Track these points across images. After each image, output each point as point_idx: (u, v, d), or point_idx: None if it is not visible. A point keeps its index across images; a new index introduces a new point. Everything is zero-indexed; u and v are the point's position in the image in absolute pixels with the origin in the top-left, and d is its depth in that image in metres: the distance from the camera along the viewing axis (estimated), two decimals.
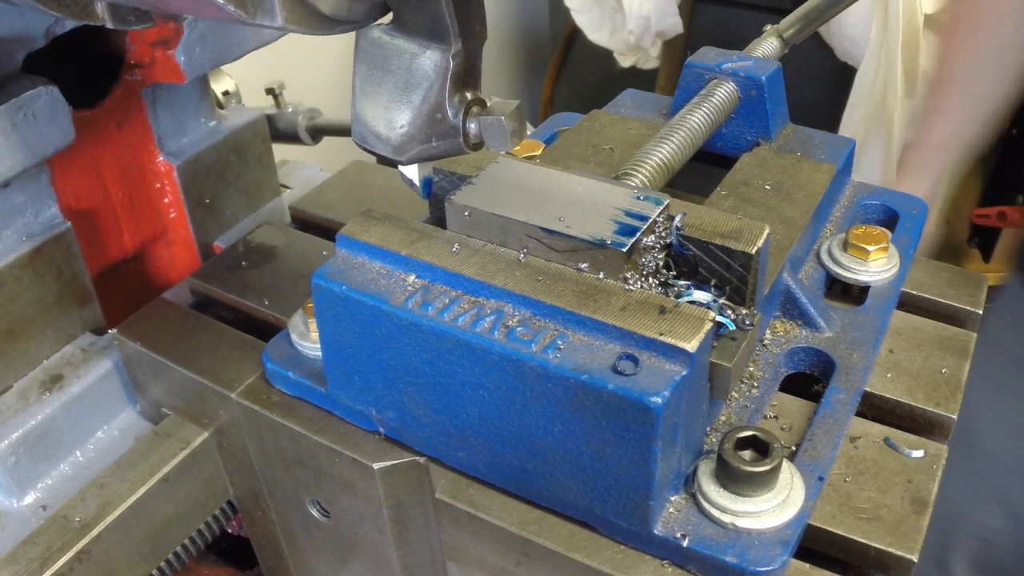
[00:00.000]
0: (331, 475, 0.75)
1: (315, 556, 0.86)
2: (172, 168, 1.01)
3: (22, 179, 0.84)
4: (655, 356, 0.58)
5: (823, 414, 0.70)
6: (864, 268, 0.82)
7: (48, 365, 0.90)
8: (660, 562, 0.62)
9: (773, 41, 1.01)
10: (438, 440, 0.69)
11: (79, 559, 0.77)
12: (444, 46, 0.56)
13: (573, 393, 0.59)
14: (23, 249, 0.86)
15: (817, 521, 0.66)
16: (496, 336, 0.61)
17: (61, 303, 0.90)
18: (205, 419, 0.84)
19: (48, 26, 0.83)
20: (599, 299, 0.61)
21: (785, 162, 0.88)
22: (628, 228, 0.65)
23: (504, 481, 0.68)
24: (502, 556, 0.68)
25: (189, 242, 1.06)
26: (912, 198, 0.91)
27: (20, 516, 0.84)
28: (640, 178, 0.75)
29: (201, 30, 0.92)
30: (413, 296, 0.64)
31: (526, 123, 0.62)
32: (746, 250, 0.65)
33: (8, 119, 0.79)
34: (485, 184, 0.70)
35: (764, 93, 0.89)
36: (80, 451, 0.89)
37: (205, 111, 1.06)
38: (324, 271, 0.67)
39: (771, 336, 0.77)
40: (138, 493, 0.81)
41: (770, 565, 0.59)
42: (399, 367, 0.66)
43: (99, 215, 0.97)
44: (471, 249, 0.66)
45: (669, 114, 0.96)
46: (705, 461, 0.63)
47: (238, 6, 0.50)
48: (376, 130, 0.61)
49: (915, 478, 0.69)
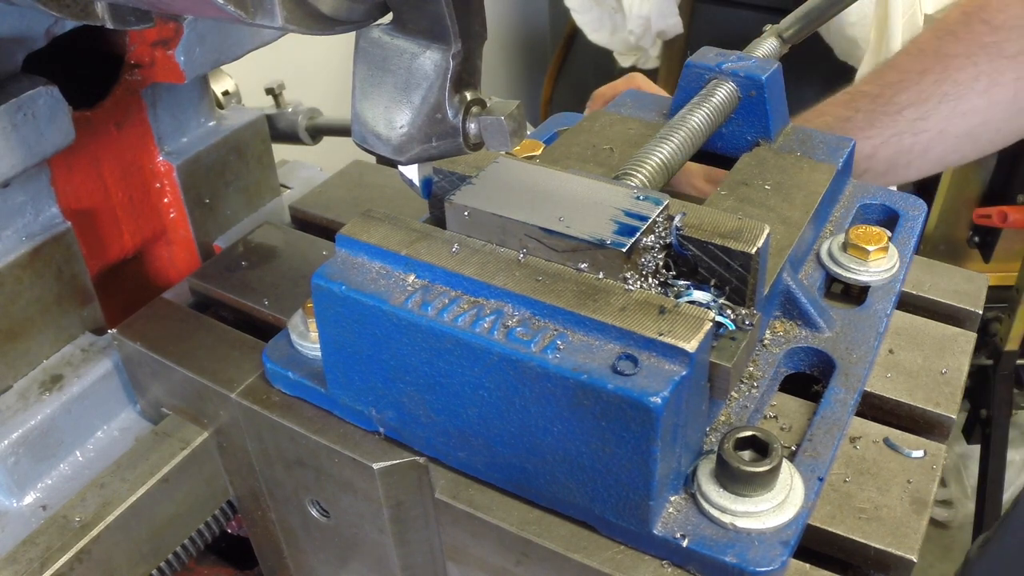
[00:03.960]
0: (331, 475, 0.75)
1: (315, 556, 0.86)
2: (172, 168, 1.01)
3: (22, 179, 0.84)
4: (655, 356, 0.58)
5: (823, 414, 0.71)
6: (864, 268, 0.82)
7: (48, 365, 0.90)
8: (660, 562, 0.62)
9: (773, 41, 1.01)
10: (438, 440, 0.69)
11: (79, 559, 0.77)
12: (444, 46, 0.56)
13: (573, 393, 0.59)
14: (23, 249, 0.86)
15: (817, 521, 0.66)
16: (496, 336, 0.61)
17: (61, 303, 0.90)
18: (205, 419, 0.84)
19: (48, 26, 0.83)
20: (599, 299, 0.61)
21: (785, 162, 0.88)
22: (628, 228, 0.65)
23: (504, 481, 0.68)
24: (502, 556, 0.69)
25: (189, 242, 1.06)
26: (912, 198, 0.91)
27: (20, 516, 0.84)
28: (640, 178, 0.75)
29: (201, 30, 0.92)
30: (413, 296, 0.64)
31: (526, 123, 0.62)
32: (746, 250, 0.65)
33: (8, 119, 0.79)
34: (485, 184, 0.70)
35: (764, 93, 0.89)
36: (80, 451, 0.89)
37: (205, 111, 1.06)
38: (324, 271, 0.67)
39: (771, 336, 0.77)
40: (138, 493, 0.81)
41: (770, 565, 0.59)
42: (399, 367, 0.67)
43: (99, 215, 0.97)
44: (471, 249, 0.66)
45: (669, 114, 0.96)
46: (705, 461, 0.63)
47: (238, 6, 0.50)
48: (376, 130, 0.61)
49: (915, 478, 0.69)
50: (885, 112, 1.17)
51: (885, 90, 1.18)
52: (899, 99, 1.17)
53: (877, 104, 1.18)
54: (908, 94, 1.17)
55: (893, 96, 1.17)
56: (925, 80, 1.17)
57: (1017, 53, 1.14)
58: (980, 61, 1.15)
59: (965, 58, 1.16)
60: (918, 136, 1.17)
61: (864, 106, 1.18)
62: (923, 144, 1.18)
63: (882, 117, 1.17)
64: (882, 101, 1.18)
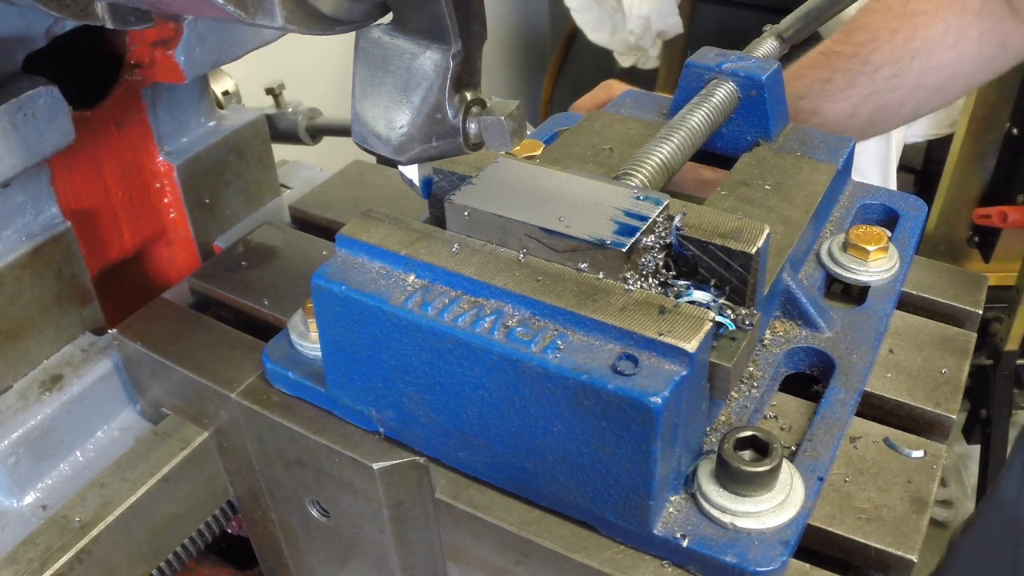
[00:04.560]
0: (331, 475, 0.75)
1: (315, 556, 0.86)
2: (172, 168, 1.01)
3: (22, 179, 0.84)
4: (655, 356, 0.58)
5: (823, 414, 0.71)
6: (864, 268, 0.82)
7: (48, 365, 0.90)
8: (660, 562, 0.63)
9: (773, 41, 1.01)
10: (438, 440, 0.69)
11: (79, 559, 0.77)
12: (444, 46, 0.56)
13: (573, 393, 0.59)
14: (23, 249, 0.86)
15: (817, 521, 0.66)
16: (496, 336, 0.61)
17: (61, 303, 0.90)
18: (205, 419, 0.84)
19: (48, 26, 0.83)
20: (599, 299, 0.61)
21: (785, 162, 0.88)
22: (628, 228, 0.65)
23: (504, 481, 0.68)
24: (502, 556, 0.69)
25: (189, 242, 1.06)
26: (912, 198, 0.91)
27: (20, 516, 0.84)
28: (640, 178, 0.75)
29: (201, 30, 0.92)
30: (413, 296, 0.64)
31: (526, 123, 0.62)
32: (746, 250, 0.65)
33: (8, 119, 0.79)
34: (485, 184, 0.70)
35: (764, 93, 0.89)
36: (80, 451, 0.89)
37: (205, 111, 1.06)
38: (324, 271, 0.67)
39: (771, 336, 0.77)
40: (138, 493, 0.81)
41: (770, 565, 0.59)
42: (399, 367, 0.66)
43: (99, 215, 0.97)
44: (471, 249, 0.66)
45: (669, 114, 0.96)
46: (705, 461, 0.63)
47: (238, 6, 0.50)
48: (376, 130, 0.61)
49: (915, 478, 0.69)
50: (862, 72, 1.20)
51: (860, 49, 1.21)
52: (874, 58, 1.20)
53: (853, 64, 1.20)
54: (882, 53, 1.19)
55: (868, 55, 1.20)
56: (896, 38, 1.20)
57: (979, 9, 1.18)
58: (947, 17, 1.19)
59: (932, 15, 1.19)
60: (893, 93, 1.21)
61: (841, 66, 1.21)
62: (898, 100, 1.22)
63: (859, 77, 1.20)
64: (858, 61, 1.20)
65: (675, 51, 2.72)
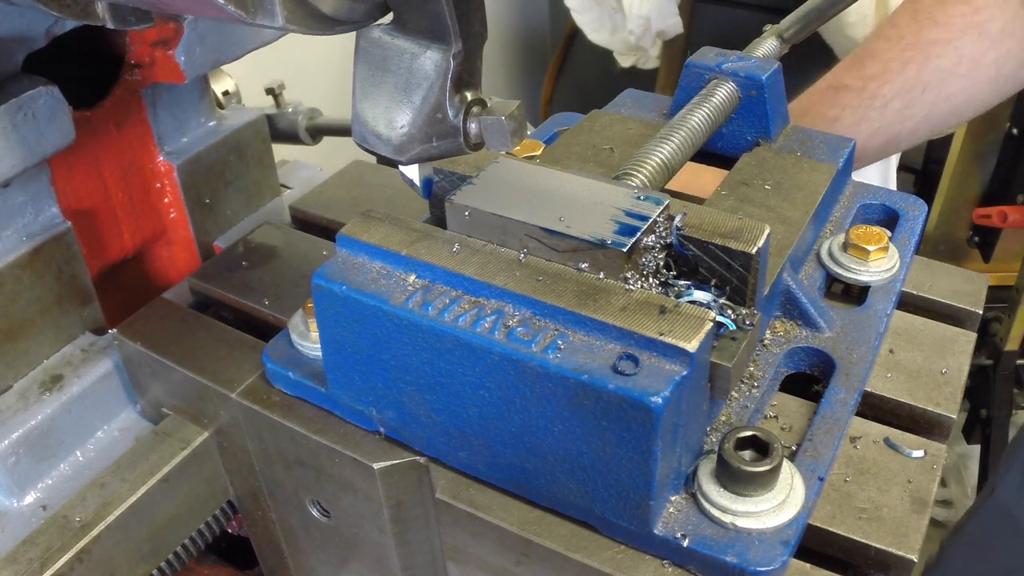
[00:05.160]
0: (331, 475, 0.75)
1: (315, 556, 0.86)
2: (172, 168, 1.01)
3: (22, 179, 0.84)
4: (655, 356, 0.58)
5: (823, 414, 0.71)
6: (864, 268, 0.82)
7: (48, 365, 0.90)
8: (660, 562, 0.63)
9: (773, 41, 1.01)
10: (438, 440, 0.69)
11: (79, 559, 0.77)
12: (444, 46, 0.56)
13: (573, 393, 0.59)
14: (23, 249, 0.86)
15: (817, 521, 0.66)
16: (496, 336, 0.61)
17: (61, 303, 0.90)
18: (205, 419, 0.84)
19: (48, 26, 0.83)
20: (599, 299, 0.61)
21: (785, 162, 0.88)
22: (628, 228, 0.65)
23: (504, 481, 0.68)
24: (502, 556, 0.69)
25: (189, 242, 1.06)
26: (912, 198, 0.91)
27: (20, 516, 0.84)
28: (640, 178, 0.75)
29: (201, 30, 0.92)
30: (413, 296, 0.64)
31: (526, 123, 0.62)
32: (746, 250, 0.65)
33: (8, 119, 0.79)
34: (485, 184, 0.70)
35: (764, 93, 0.89)
36: (80, 451, 0.89)
37: (205, 111, 1.06)
38: (324, 271, 0.67)
39: (771, 336, 0.77)
40: (138, 493, 0.81)
41: (770, 565, 0.59)
42: (399, 367, 0.66)
43: (99, 215, 0.97)
44: (471, 249, 0.66)
45: (669, 114, 0.96)
46: (705, 461, 0.63)
47: (238, 6, 0.50)
48: (376, 130, 0.61)
49: (915, 478, 0.69)
50: (871, 107, 1.17)
51: (869, 83, 1.18)
52: (884, 92, 1.17)
53: (863, 99, 1.18)
54: (892, 86, 1.17)
55: (878, 89, 1.17)
56: (908, 70, 1.17)
57: (1000, 30, 1.15)
58: (962, 45, 1.15)
59: (946, 44, 1.16)
60: (904, 123, 1.18)
61: (850, 102, 1.18)
62: (910, 129, 1.20)
63: (869, 112, 1.17)
64: (867, 95, 1.17)
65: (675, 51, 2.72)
